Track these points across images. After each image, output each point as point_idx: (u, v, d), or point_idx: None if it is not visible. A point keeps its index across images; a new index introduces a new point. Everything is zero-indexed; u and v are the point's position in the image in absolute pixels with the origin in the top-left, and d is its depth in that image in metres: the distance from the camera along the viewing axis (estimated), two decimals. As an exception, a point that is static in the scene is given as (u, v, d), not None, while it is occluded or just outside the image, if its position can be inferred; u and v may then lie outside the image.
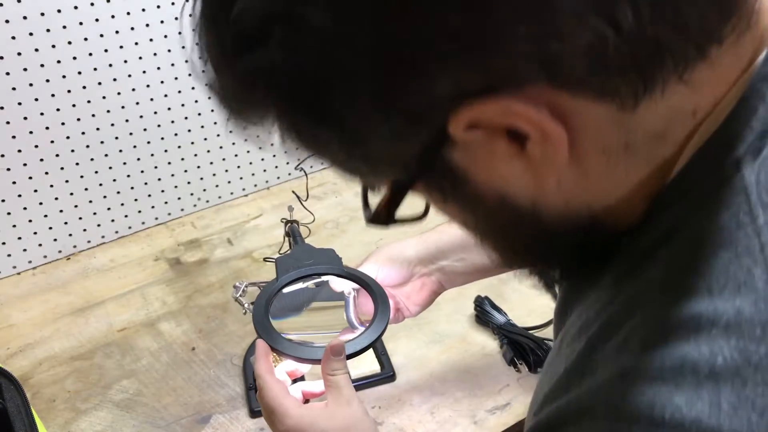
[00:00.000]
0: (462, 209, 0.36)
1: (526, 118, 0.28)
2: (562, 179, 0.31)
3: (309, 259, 0.74)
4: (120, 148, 1.06)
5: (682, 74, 0.28)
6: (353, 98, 0.28)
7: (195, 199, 1.18)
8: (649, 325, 0.30)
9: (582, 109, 0.29)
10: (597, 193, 0.33)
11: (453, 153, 0.31)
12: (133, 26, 0.98)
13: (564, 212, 0.34)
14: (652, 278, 0.31)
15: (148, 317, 0.96)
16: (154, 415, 0.80)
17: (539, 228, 0.35)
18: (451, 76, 0.27)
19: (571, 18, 0.25)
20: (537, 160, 0.30)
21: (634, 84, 0.28)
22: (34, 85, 0.94)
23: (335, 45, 0.27)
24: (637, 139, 0.31)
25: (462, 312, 0.92)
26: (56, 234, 1.06)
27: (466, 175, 0.32)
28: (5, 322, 0.96)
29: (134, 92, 1.03)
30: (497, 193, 0.33)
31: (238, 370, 0.86)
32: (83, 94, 0.99)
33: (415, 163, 0.32)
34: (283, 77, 0.29)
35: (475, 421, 0.77)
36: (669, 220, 0.32)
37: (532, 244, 0.38)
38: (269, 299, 0.67)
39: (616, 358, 0.31)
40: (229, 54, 0.30)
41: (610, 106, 0.29)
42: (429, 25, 0.26)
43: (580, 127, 0.29)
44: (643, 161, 0.32)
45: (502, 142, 0.30)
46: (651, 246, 0.32)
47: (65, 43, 0.94)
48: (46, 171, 1.01)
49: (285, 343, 0.62)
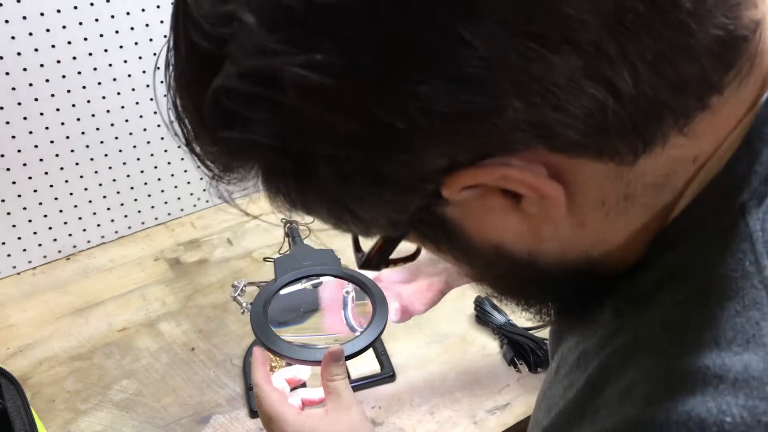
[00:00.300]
0: (456, 258, 0.36)
1: (521, 182, 0.28)
2: (559, 229, 0.31)
3: (308, 259, 0.74)
4: (120, 148, 1.06)
5: (682, 128, 0.28)
6: (341, 172, 0.28)
7: (195, 199, 1.18)
8: (653, 376, 0.29)
9: (580, 167, 0.28)
10: (595, 241, 0.33)
11: (446, 209, 0.31)
12: (133, 26, 0.98)
13: (560, 259, 0.33)
14: (655, 322, 0.31)
15: (148, 317, 0.96)
16: (153, 416, 0.80)
17: (536, 274, 0.34)
18: (441, 151, 0.27)
19: (569, 87, 0.25)
20: (532, 215, 0.30)
21: (634, 143, 0.27)
22: (33, 85, 0.94)
23: (320, 128, 0.26)
24: (637, 190, 0.30)
25: (462, 312, 0.92)
26: (56, 234, 1.06)
27: (460, 228, 0.32)
28: (5, 322, 0.96)
29: (134, 92, 1.03)
30: (492, 244, 0.32)
31: (238, 371, 0.86)
32: (83, 94, 0.99)
33: (406, 222, 0.31)
34: (267, 151, 0.28)
35: (475, 422, 0.77)
36: (671, 262, 0.32)
37: (529, 287, 0.38)
38: (267, 300, 0.67)
39: (620, 407, 0.30)
40: (207, 124, 0.28)
41: (608, 163, 0.28)
42: (416, 106, 0.25)
43: (578, 183, 0.29)
44: (643, 209, 0.31)
45: (497, 198, 0.29)
46: (652, 288, 0.32)
47: (65, 43, 0.94)
48: (45, 171, 1.01)
49: (283, 345, 0.62)
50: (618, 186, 0.30)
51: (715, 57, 0.26)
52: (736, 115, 0.30)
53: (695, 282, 0.30)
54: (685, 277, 0.30)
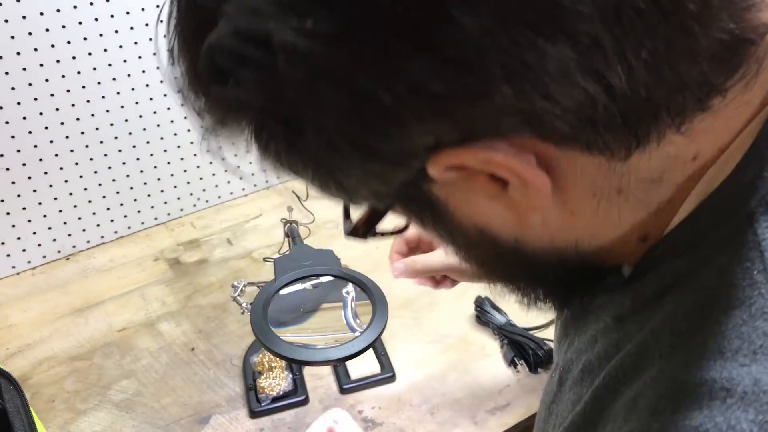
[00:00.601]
0: (441, 236, 0.35)
1: (505, 167, 0.27)
2: (548, 218, 0.31)
3: (308, 259, 0.74)
4: (119, 148, 1.06)
5: (679, 127, 0.27)
6: (328, 140, 0.28)
7: (194, 199, 1.18)
8: (657, 388, 0.28)
9: (570, 159, 0.28)
10: (585, 232, 0.32)
11: (432, 187, 0.30)
12: (133, 26, 0.98)
13: (548, 248, 0.33)
14: (660, 331, 0.30)
15: (148, 317, 0.96)
16: (153, 416, 0.80)
17: (522, 260, 0.34)
18: (427, 129, 0.27)
19: (560, 78, 0.24)
20: (518, 202, 0.29)
21: (626, 139, 0.27)
22: (33, 85, 0.94)
23: (308, 95, 0.26)
24: (630, 185, 0.30)
25: (462, 312, 0.92)
26: (55, 234, 1.06)
27: (446, 208, 0.32)
28: (4, 322, 0.96)
29: (133, 92, 1.03)
30: (478, 227, 0.32)
31: (237, 371, 0.86)
32: (82, 94, 0.99)
33: (393, 196, 0.31)
34: (257, 113, 0.28)
35: (476, 422, 0.77)
36: (676, 268, 0.31)
37: (515, 272, 0.37)
38: (267, 301, 0.67)
39: (624, 420, 0.29)
40: (201, 79, 0.29)
41: (600, 157, 0.28)
42: (403, 83, 0.25)
43: (568, 173, 0.29)
44: (636, 204, 0.31)
45: (483, 182, 0.29)
46: (656, 294, 0.32)
47: (64, 42, 0.94)
48: (45, 171, 1.01)
49: (283, 345, 0.62)
50: (610, 179, 0.29)
51: (717, 60, 0.26)
52: (742, 116, 0.29)
53: (702, 289, 0.29)
54: (692, 284, 0.30)
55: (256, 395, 0.80)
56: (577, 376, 0.36)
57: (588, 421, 0.33)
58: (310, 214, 1.13)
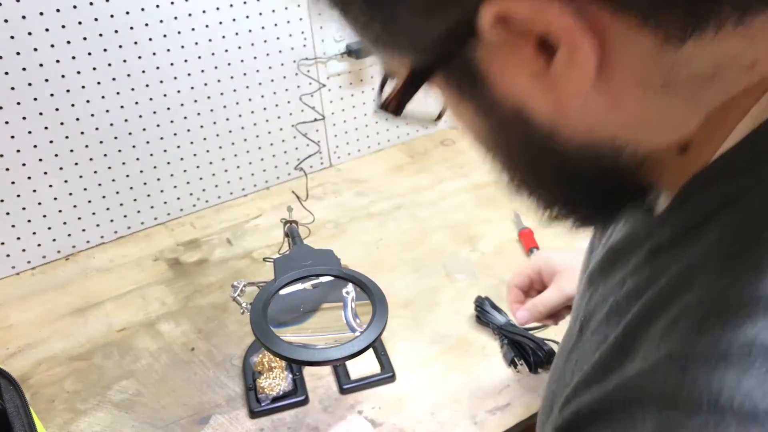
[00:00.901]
0: (475, 113, 0.33)
1: (557, 23, 0.25)
2: (589, 104, 0.29)
3: (307, 259, 0.74)
4: (119, 148, 1.06)
5: (739, 22, 0.25)
6: None
7: (194, 199, 1.18)
8: (705, 304, 0.27)
9: (622, 34, 0.26)
10: (624, 129, 0.31)
11: (477, 50, 0.29)
12: (132, 26, 0.98)
13: (583, 140, 0.31)
14: (707, 253, 0.29)
15: (148, 317, 0.96)
16: (153, 416, 0.80)
17: (553, 152, 0.32)
18: None
19: None
20: (560, 82, 0.28)
21: (683, 18, 0.25)
22: (33, 85, 0.94)
23: None
24: (679, 79, 0.28)
25: (462, 312, 0.92)
26: (55, 234, 1.06)
27: (487, 77, 0.30)
28: (4, 322, 0.96)
29: (133, 92, 1.03)
30: (515, 104, 0.30)
31: (237, 371, 0.86)
32: (82, 94, 0.99)
33: (437, 48, 0.29)
34: None
35: (476, 422, 0.77)
36: (725, 193, 0.29)
37: (542, 167, 0.35)
38: (267, 301, 0.67)
39: (666, 341, 0.28)
40: None
41: (653, 37, 0.26)
42: None
43: (616, 52, 0.27)
44: (683, 103, 0.29)
45: (529, 49, 0.27)
46: (700, 221, 0.30)
47: (64, 42, 0.94)
48: (44, 171, 1.01)
49: (283, 345, 0.62)
50: (660, 68, 0.27)
51: None
52: None
53: (756, 211, 0.28)
54: (744, 205, 0.28)
55: (256, 395, 0.80)
56: (602, 319, 0.35)
57: (619, 352, 0.31)
58: (310, 214, 1.13)
